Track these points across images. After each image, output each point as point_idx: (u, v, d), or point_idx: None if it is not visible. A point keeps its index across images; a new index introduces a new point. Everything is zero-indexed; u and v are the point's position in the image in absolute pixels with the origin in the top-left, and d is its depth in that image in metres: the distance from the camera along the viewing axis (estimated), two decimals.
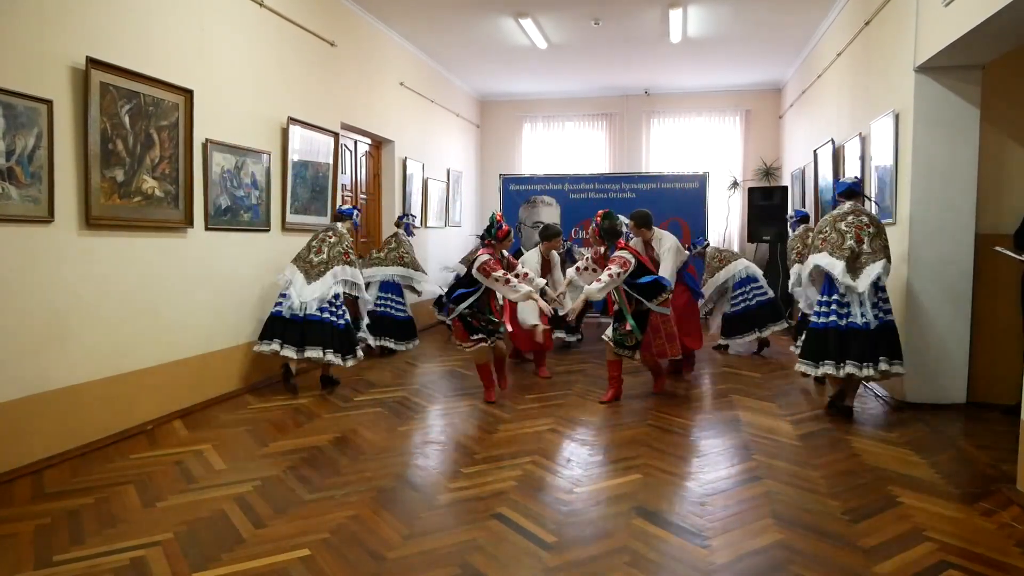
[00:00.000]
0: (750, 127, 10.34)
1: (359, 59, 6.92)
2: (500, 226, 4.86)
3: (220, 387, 4.94)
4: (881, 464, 3.59)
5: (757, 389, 5.34)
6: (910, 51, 4.68)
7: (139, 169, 4.12)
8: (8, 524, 2.85)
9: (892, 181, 5.00)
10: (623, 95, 10.56)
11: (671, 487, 3.30)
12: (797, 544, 2.66)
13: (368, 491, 3.20)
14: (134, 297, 4.15)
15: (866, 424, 4.37)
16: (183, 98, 4.41)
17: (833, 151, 6.77)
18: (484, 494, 3.17)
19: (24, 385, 3.46)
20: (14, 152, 3.34)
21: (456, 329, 4.99)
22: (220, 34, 4.84)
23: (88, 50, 3.73)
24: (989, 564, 2.51)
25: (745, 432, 4.19)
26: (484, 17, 7.14)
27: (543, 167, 10.75)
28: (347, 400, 4.94)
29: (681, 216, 8.97)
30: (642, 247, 5.43)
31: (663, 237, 5.53)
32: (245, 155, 5.10)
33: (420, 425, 4.36)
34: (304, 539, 2.69)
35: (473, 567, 2.48)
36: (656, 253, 5.47)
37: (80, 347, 3.78)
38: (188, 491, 3.21)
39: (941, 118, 4.61)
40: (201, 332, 4.73)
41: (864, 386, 5.34)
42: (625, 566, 2.49)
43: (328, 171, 6.26)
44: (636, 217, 5.40)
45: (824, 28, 7.22)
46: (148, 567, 2.48)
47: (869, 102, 5.69)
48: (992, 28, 3.76)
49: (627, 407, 4.78)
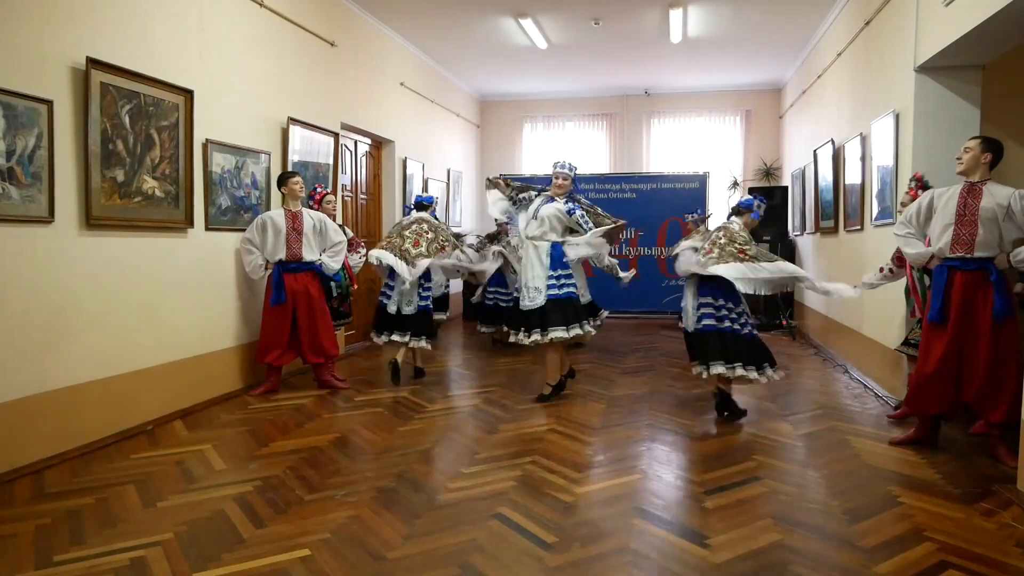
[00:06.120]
0: (750, 127, 10.34)
1: (359, 59, 6.92)
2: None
3: (220, 387, 4.94)
4: (881, 464, 3.59)
5: (757, 389, 5.34)
6: (910, 51, 4.68)
7: (139, 169, 4.12)
8: (8, 524, 2.85)
9: (892, 181, 5.00)
10: (623, 95, 10.56)
11: (671, 487, 3.29)
12: (797, 544, 2.66)
13: (368, 491, 3.20)
14: (134, 297, 4.15)
15: (866, 424, 4.37)
16: (183, 98, 4.42)
17: (833, 151, 6.77)
18: (484, 494, 3.17)
19: (24, 385, 3.46)
20: (14, 152, 3.34)
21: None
22: (220, 34, 4.84)
23: (88, 50, 3.74)
24: (989, 564, 2.51)
25: (745, 432, 4.19)
26: (484, 17, 7.14)
27: (543, 167, 10.75)
28: (347, 400, 4.94)
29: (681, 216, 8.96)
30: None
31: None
32: (245, 155, 5.10)
33: (420, 425, 4.35)
34: (304, 539, 2.69)
35: (473, 567, 2.48)
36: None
37: (80, 347, 3.78)
38: (188, 491, 3.21)
39: (941, 118, 4.61)
40: (201, 332, 4.73)
41: (864, 386, 5.35)
42: (625, 566, 2.49)
43: (328, 171, 6.26)
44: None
45: (824, 28, 7.22)
46: (148, 567, 2.48)
47: (869, 102, 5.69)
48: (992, 28, 3.76)
49: (627, 407, 4.77)
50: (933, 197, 3.83)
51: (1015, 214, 3.51)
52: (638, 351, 7.00)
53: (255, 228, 4.95)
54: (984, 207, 3.56)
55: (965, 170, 3.67)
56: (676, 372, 5.99)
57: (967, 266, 3.62)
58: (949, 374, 3.67)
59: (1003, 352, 3.55)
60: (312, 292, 5.03)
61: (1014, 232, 3.56)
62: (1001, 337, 3.56)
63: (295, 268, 4.98)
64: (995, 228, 3.56)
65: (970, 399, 3.64)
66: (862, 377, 5.58)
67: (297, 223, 4.99)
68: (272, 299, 4.89)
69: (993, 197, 3.55)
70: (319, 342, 5.07)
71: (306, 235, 5.02)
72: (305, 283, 5.01)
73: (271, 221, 4.95)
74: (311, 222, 5.07)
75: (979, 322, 3.59)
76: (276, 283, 4.89)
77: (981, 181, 3.63)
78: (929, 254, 3.80)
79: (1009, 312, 3.54)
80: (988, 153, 3.61)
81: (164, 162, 4.31)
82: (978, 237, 3.58)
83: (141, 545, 2.65)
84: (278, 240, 4.93)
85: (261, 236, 4.95)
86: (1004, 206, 3.52)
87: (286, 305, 4.92)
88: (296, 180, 5.02)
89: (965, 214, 3.61)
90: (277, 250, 4.94)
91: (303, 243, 5.00)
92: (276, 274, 4.91)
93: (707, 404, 4.93)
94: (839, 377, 5.72)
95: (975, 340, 3.61)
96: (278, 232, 4.93)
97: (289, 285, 4.93)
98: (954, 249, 3.65)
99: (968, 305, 3.61)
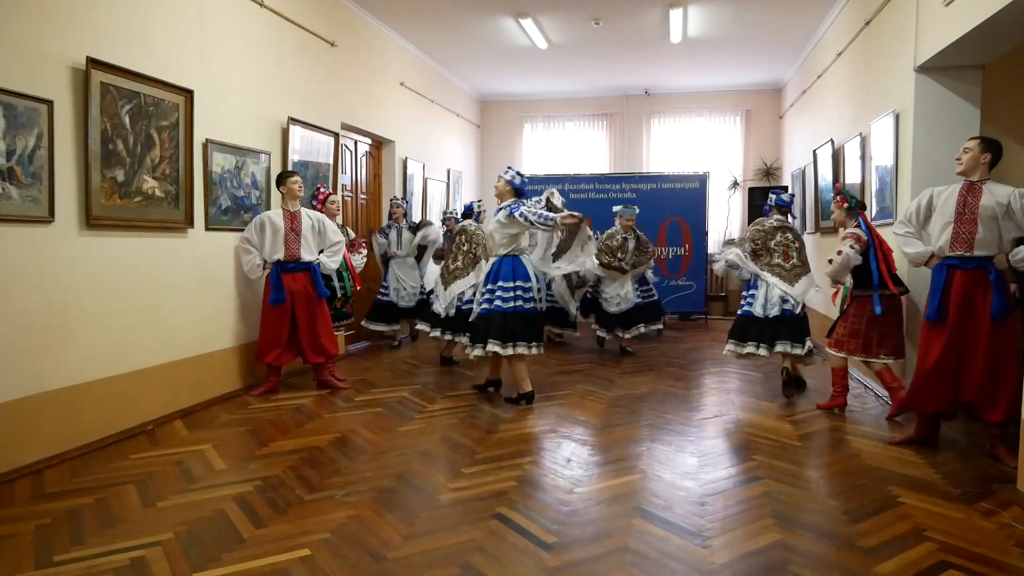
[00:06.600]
0: (750, 127, 10.34)
1: (359, 59, 6.92)
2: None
3: (220, 387, 4.94)
4: (881, 464, 3.59)
5: (757, 389, 5.34)
6: (910, 51, 4.68)
7: (139, 169, 4.12)
8: (8, 524, 2.85)
9: (892, 181, 5.00)
10: (623, 95, 10.57)
11: (671, 487, 3.29)
12: (797, 544, 2.66)
13: (368, 491, 3.20)
14: (134, 297, 4.15)
15: (866, 424, 4.37)
16: (183, 98, 4.42)
17: (833, 151, 6.77)
18: (484, 494, 3.17)
19: (24, 385, 3.46)
20: (14, 152, 3.34)
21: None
22: (220, 34, 4.84)
23: (88, 50, 3.74)
24: (989, 564, 2.51)
25: (745, 432, 4.19)
26: (484, 17, 7.14)
27: (543, 167, 10.76)
28: (347, 400, 4.94)
29: (681, 216, 8.98)
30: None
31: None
32: (245, 155, 5.10)
33: (420, 425, 4.35)
34: (304, 539, 2.69)
35: (473, 567, 2.48)
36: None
37: (80, 347, 3.78)
38: (188, 491, 3.21)
39: (941, 118, 4.61)
40: (201, 332, 4.73)
41: (864, 386, 5.34)
42: (625, 566, 2.49)
43: (328, 171, 6.26)
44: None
45: (824, 28, 7.22)
46: (148, 567, 2.48)
47: (869, 102, 5.69)
48: (992, 28, 3.76)
49: (627, 407, 4.77)
50: (932, 196, 3.83)
51: (1015, 213, 3.51)
52: (638, 351, 7.00)
53: (253, 228, 4.95)
54: (984, 205, 3.56)
55: (964, 170, 3.68)
56: (676, 372, 5.99)
57: (966, 265, 3.62)
58: (948, 373, 3.67)
59: (1002, 351, 3.55)
60: (311, 292, 5.03)
61: (1013, 231, 3.56)
62: (1000, 337, 3.56)
63: (293, 268, 4.97)
64: (995, 227, 3.56)
65: (969, 398, 3.64)
66: (862, 377, 5.58)
67: (295, 223, 4.99)
68: (271, 299, 4.89)
69: (993, 196, 3.56)
70: (319, 342, 5.07)
71: (304, 235, 5.02)
72: (304, 283, 5.01)
73: (269, 221, 4.95)
74: (309, 222, 5.07)
75: (978, 321, 3.59)
76: (274, 283, 4.89)
77: (981, 180, 3.63)
78: (929, 253, 3.80)
79: (1007, 311, 3.54)
80: (987, 153, 3.62)
81: (164, 162, 4.31)
82: (977, 236, 3.58)
83: (141, 545, 2.65)
84: (276, 240, 4.93)
85: (259, 236, 4.95)
86: (1004, 205, 3.52)
87: (285, 305, 4.92)
88: (295, 180, 5.02)
89: (965, 213, 3.62)
90: (275, 250, 4.94)
91: (301, 243, 5.00)
92: (274, 274, 4.91)
93: (707, 404, 4.93)
94: None
95: (974, 339, 3.61)
96: (276, 232, 4.93)
97: (288, 285, 4.93)
98: (953, 248, 3.65)
99: (967, 304, 3.62)
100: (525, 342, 4.64)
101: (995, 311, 3.53)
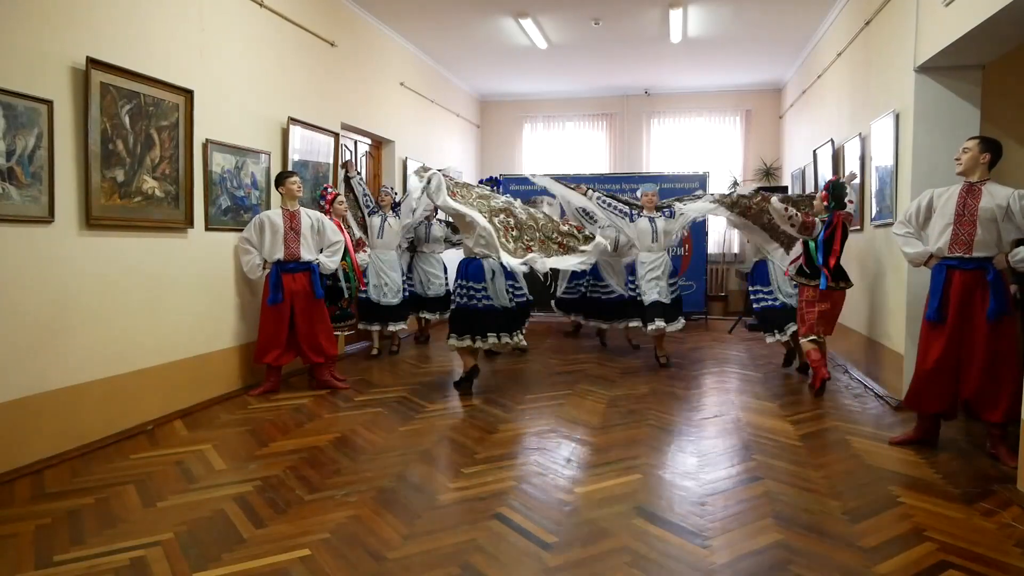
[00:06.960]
0: (750, 127, 10.34)
1: (359, 59, 6.92)
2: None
3: (220, 387, 4.94)
4: (881, 464, 3.60)
5: (757, 389, 5.34)
6: (910, 51, 4.68)
7: (139, 169, 4.12)
8: (8, 524, 2.85)
9: (892, 181, 5.00)
10: (623, 95, 10.57)
11: (671, 487, 3.29)
12: (797, 544, 2.66)
13: (368, 491, 3.20)
14: (134, 297, 4.15)
15: (866, 424, 4.37)
16: (183, 98, 4.42)
17: (833, 151, 6.77)
18: (484, 494, 3.17)
19: (24, 385, 3.46)
20: (14, 152, 3.34)
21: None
22: (220, 34, 4.84)
23: (88, 50, 3.74)
24: (989, 564, 2.51)
25: (745, 432, 4.19)
26: (484, 17, 7.14)
27: (543, 167, 10.75)
28: (347, 400, 4.94)
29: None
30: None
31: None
32: (245, 155, 5.10)
33: (420, 425, 4.35)
34: (304, 539, 2.69)
35: (473, 567, 2.48)
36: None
37: (80, 347, 3.78)
38: (188, 491, 3.21)
39: (941, 118, 4.60)
40: (201, 332, 4.73)
41: (864, 386, 5.35)
42: (625, 566, 2.49)
43: (328, 171, 6.26)
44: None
45: (824, 28, 7.22)
46: (148, 567, 2.48)
47: (869, 102, 5.69)
48: (992, 28, 3.76)
49: (627, 407, 4.77)
50: (932, 196, 3.83)
51: (1014, 214, 3.51)
52: (639, 350, 7.00)
53: (253, 228, 4.95)
54: (983, 207, 3.56)
55: (964, 170, 3.68)
56: (676, 372, 5.99)
57: (965, 265, 3.62)
58: (948, 373, 3.67)
59: (1001, 352, 3.56)
60: (311, 292, 5.03)
61: (1013, 232, 3.56)
62: (999, 337, 3.56)
63: (293, 268, 4.97)
64: (994, 228, 3.56)
65: (969, 398, 3.65)
66: (862, 377, 5.58)
67: (295, 222, 4.99)
68: (269, 299, 4.89)
69: (992, 197, 3.56)
70: (318, 342, 5.07)
71: (304, 234, 5.02)
72: (303, 283, 5.01)
73: (268, 220, 4.95)
74: (309, 221, 5.07)
75: (977, 322, 3.59)
76: (273, 283, 4.89)
77: (980, 181, 3.63)
78: (928, 253, 3.80)
79: (1002, 312, 3.54)
80: (987, 153, 3.62)
81: (164, 162, 4.31)
82: (977, 237, 3.58)
83: (141, 545, 2.65)
84: (276, 239, 4.93)
85: (259, 236, 4.95)
86: (1003, 206, 3.52)
87: (283, 305, 4.92)
88: (293, 180, 5.02)
89: (964, 214, 3.62)
90: (275, 250, 4.94)
91: (301, 243, 5.00)
92: (274, 274, 4.91)
93: (707, 404, 4.93)
94: (839, 377, 5.71)
95: (973, 339, 3.61)
96: (275, 231, 4.93)
97: (287, 285, 4.93)
98: (953, 249, 3.66)
99: (966, 304, 3.62)
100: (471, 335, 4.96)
101: (990, 312, 3.53)
